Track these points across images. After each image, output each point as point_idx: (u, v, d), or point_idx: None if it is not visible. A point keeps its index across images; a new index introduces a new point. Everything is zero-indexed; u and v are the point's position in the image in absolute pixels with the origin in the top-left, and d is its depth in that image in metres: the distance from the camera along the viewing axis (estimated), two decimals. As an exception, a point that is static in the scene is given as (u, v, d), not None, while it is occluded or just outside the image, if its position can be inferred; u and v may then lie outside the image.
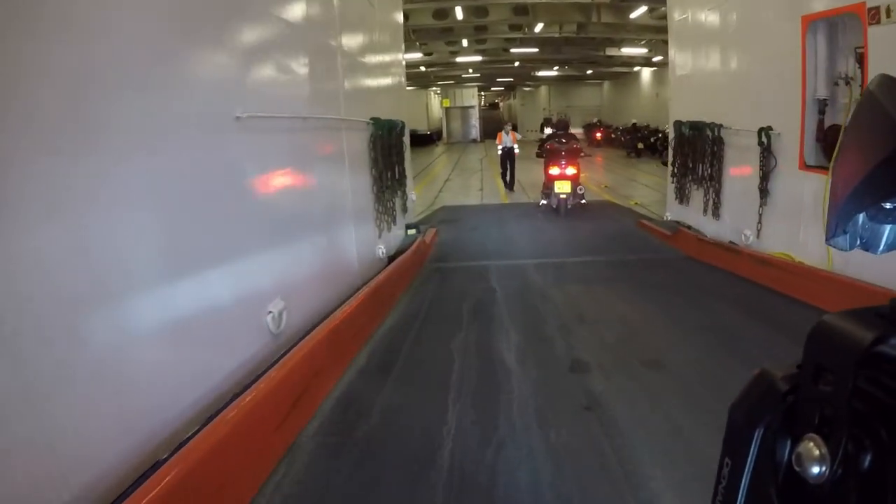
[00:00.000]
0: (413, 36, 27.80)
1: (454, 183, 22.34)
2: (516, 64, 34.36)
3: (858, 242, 0.69)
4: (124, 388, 3.09)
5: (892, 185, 0.59)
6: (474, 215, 15.07)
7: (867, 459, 0.57)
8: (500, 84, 47.15)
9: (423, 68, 34.98)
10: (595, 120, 41.03)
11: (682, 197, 11.73)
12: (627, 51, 29.25)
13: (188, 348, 3.74)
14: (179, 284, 3.63)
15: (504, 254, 10.81)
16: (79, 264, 2.85)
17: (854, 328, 0.59)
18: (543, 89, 47.94)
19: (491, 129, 58.95)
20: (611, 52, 29.38)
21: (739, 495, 0.68)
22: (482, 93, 55.01)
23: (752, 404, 0.68)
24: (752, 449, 0.66)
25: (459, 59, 31.47)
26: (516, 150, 18.91)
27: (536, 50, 29.00)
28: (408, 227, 11.33)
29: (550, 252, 10.86)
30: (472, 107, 46.03)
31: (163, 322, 3.46)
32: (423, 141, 44.21)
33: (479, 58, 31.08)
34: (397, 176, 10.17)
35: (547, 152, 14.73)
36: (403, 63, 12.90)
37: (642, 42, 27.74)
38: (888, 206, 0.64)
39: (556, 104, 46.78)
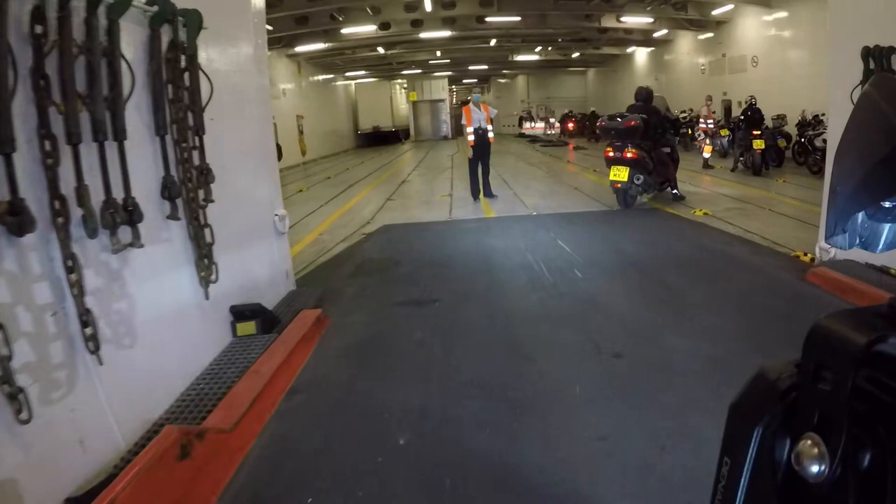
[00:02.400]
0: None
1: (412, 186, 15.40)
2: (492, 42, 27.48)
3: (858, 241, 0.66)
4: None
5: (890, 185, 0.57)
6: (439, 249, 8.11)
7: (866, 458, 0.54)
8: (472, 74, 40.36)
9: (381, 50, 28.04)
10: (568, 111, 34.76)
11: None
12: (629, 19, 22.52)
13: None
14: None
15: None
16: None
17: (853, 328, 0.57)
18: (521, 79, 41.19)
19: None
20: (607, 21, 22.67)
21: (739, 494, 0.65)
22: (453, 87, 48.09)
23: (751, 403, 0.64)
24: (751, 448, 0.63)
25: (424, 35, 24.57)
26: (491, 135, 11.94)
27: (517, 18, 22.18)
28: (236, 312, 4.61)
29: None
30: (441, 100, 39.15)
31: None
32: (387, 139, 37.40)
33: (447, 32, 24.19)
34: (189, 160, 3.69)
35: (599, 130, 11.40)
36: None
37: (648, 8, 21.03)
38: (887, 204, 0.61)
39: (535, 95, 40.15)
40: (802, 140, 14.72)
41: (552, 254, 7.08)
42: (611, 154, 9.97)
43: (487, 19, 22.32)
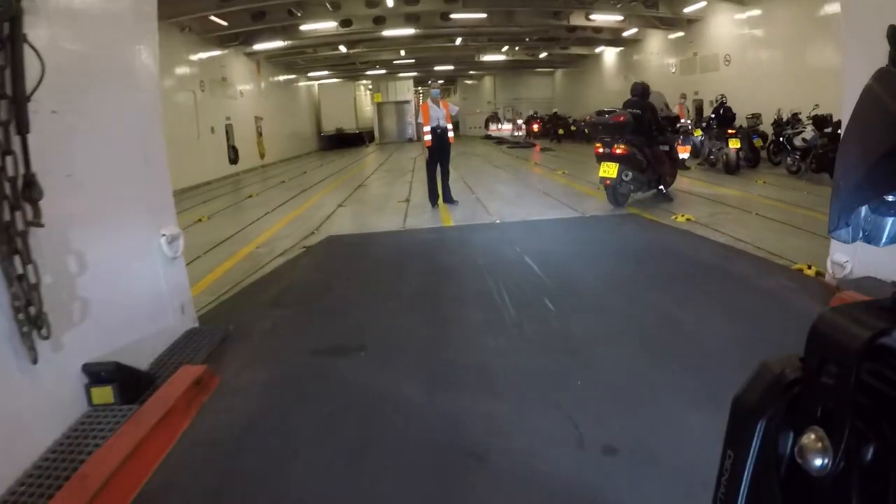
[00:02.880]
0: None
1: (369, 191, 14.00)
2: (458, 41, 26.17)
3: (861, 235, 0.66)
4: None
5: (894, 179, 0.57)
6: (383, 268, 6.78)
7: (870, 452, 0.54)
8: (438, 75, 39.00)
9: (343, 49, 26.56)
10: (533, 112, 33.74)
11: None
12: (598, 17, 21.39)
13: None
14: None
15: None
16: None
17: (857, 321, 0.56)
18: (488, 81, 39.88)
19: (430, 129, 51.56)
20: (576, 19, 21.51)
21: (742, 487, 0.64)
22: (419, 88, 46.77)
23: (755, 397, 0.63)
24: (754, 441, 0.62)
25: (387, 33, 23.22)
26: (451, 135, 10.61)
27: (483, 15, 20.92)
28: (91, 373, 3.23)
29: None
30: (407, 102, 37.56)
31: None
32: (352, 141, 35.79)
33: (411, 30, 22.83)
34: None
35: (587, 125, 11.33)
36: None
37: (618, 6, 19.91)
38: (891, 198, 0.61)
39: (502, 97, 38.92)
40: (781, 139, 13.76)
41: (517, 275, 5.73)
42: (600, 150, 9.36)
43: (452, 16, 21.03)
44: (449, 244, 7.52)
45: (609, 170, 9.14)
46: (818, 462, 0.56)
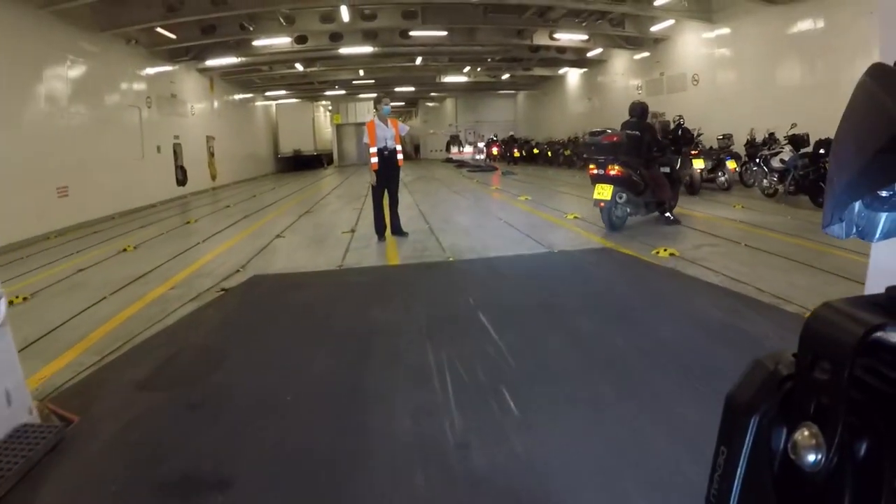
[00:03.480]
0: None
1: (314, 218, 12.36)
2: (418, 61, 24.83)
3: (855, 230, 0.65)
4: None
5: (887, 174, 0.56)
6: (296, 330, 5.14)
7: (863, 448, 0.54)
8: (399, 97, 37.64)
9: (300, 67, 25.07)
10: (493, 135, 32.95)
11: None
12: (562, 36, 20.29)
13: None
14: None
15: None
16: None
17: (851, 317, 0.56)
18: (449, 103, 38.63)
19: (392, 152, 49.77)
20: (540, 38, 20.37)
21: (735, 483, 0.62)
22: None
23: (748, 392, 0.62)
24: (747, 437, 0.61)
25: (345, 51, 21.85)
26: (400, 157, 9.16)
27: (444, 33, 19.63)
28: None
29: None
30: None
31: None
32: (310, 164, 34.18)
33: (368, 48, 21.50)
34: None
35: (579, 146, 11.14)
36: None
37: (583, 24, 18.80)
38: (884, 194, 0.60)
39: (464, 119, 37.72)
40: (758, 160, 12.77)
41: (469, 346, 4.16)
42: (594, 171, 8.87)
43: (412, 34, 19.75)
44: (388, 291, 5.97)
45: (603, 192, 8.63)
46: (811, 458, 0.55)
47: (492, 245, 8.10)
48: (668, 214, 9.22)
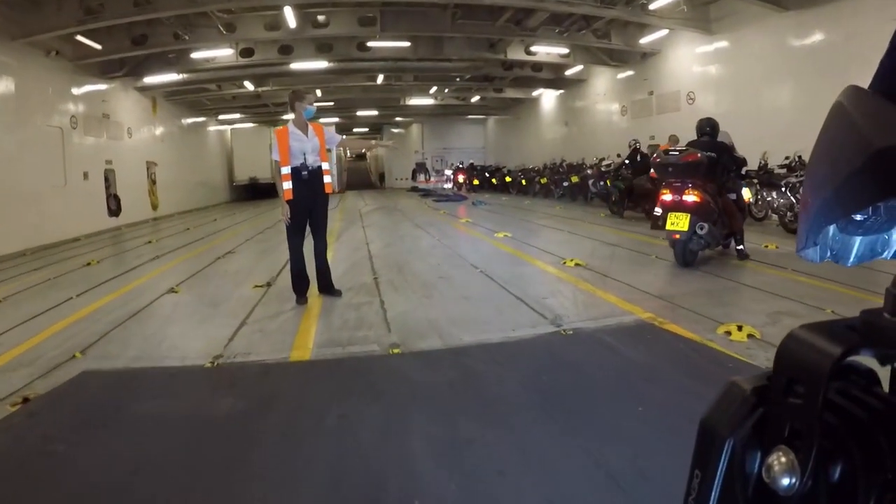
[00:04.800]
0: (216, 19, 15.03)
1: (230, 263, 8.92)
2: (379, 80, 21.95)
3: (829, 254, 0.64)
4: None
5: (861, 197, 0.54)
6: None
7: (837, 471, 0.53)
8: (362, 122, 34.68)
9: (250, 86, 22.09)
10: (459, 163, 30.45)
11: None
12: (540, 49, 17.63)
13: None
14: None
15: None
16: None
17: (825, 340, 0.55)
18: (416, 128, 35.62)
19: (358, 181, 46.35)
20: (514, 53, 17.67)
21: None
22: (344, 136, 42.48)
23: (722, 415, 0.60)
24: (721, 460, 0.59)
25: (297, 66, 19.01)
26: (329, 180, 6.02)
27: (406, 44, 16.85)
28: None
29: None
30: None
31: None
32: (269, 192, 30.85)
33: (323, 63, 18.67)
34: None
35: (653, 166, 8.39)
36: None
37: (564, 35, 16.14)
38: (859, 217, 0.59)
39: (431, 146, 34.85)
40: (783, 188, 10.19)
41: None
42: (667, 198, 7.23)
43: (370, 44, 16.92)
44: (270, 433, 2.91)
45: (679, 222, 6.95)
46: (785, 482, 0.54)
47: (464, 316, 5.04)
48: (740, 247, 7.52)
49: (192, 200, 24.14)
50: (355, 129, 39.35)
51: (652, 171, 10.33)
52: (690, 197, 6.94)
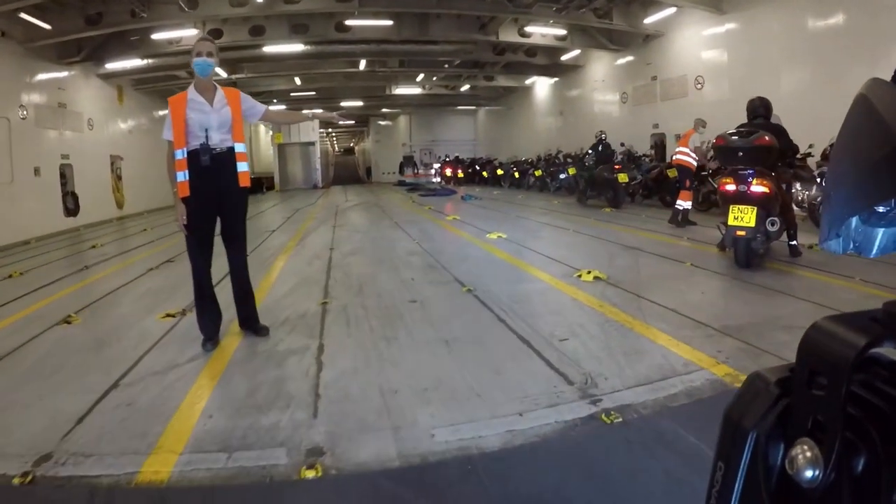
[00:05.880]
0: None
1: (154, 280, 6.99)
2: (362, 65, 19.98)
3: (851, 246, 0.62)
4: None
5: (884, 189, 0.54)
6: None
7: (860, 463, 0.52)
8: (347, 114, 32.58)
9: (223, 73, 19.90)
10: (445, 156, 28.85)
11: None
12: (535, 30, 15.74)
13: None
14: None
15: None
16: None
17: (847, 332, 0.53)
18: (403, 120, 33.48)
19: (345, 176, 44.22)
20: (506, 34, 15.74)
21: (733, 499, 0.60)
22: (332, 131, 40.43)
23: (745, 408, 0.59)
24: (745, 453, 0.58)
25: (270, 49, 17.13)
26: (242, 167, 3.96)
27: (388, 23, 14.92)
28: None
29: None
30: (312, 143, 30.78)
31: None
32: (249, 188, 28.88)
33: (299, 46, 16.77)
34: None
35: (715, 151, 6.69)
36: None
37: (562, 14, 14.22)
38: (881, 209, 0.58)
39: (419, 138, 32.83)
40: (821, 182, 8.63)
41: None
42: (730, 187, 5.87)
43: (349, 23, 14.96)
44: None
45: (745, 216, 5.74)
46: (809, 474, 0.53)
47: (440, 380, 3.12)
48: (794, 242, 6.48)
49: (165, 197, 22.11)
50: (341, 122, 37.37)
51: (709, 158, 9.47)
52: (759, 187, 5.68)
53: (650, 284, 5.10)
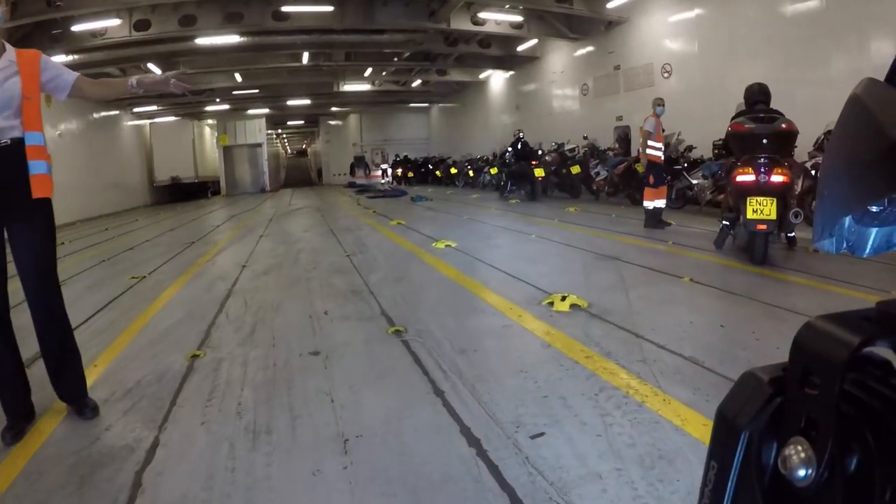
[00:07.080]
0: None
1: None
2: (305, 59, 18.27)
3: (845, 245, 0.62)
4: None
5: (878, 189, 0.53)
6: None
7: (853, 462, 0.51)
8: (295, 113, 30.63)
9: (156, 69, 17.98)
10: (396, 156, 27.93)
11: None
12: (489, 16, 14.35)
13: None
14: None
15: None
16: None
17: (841, 331, 0.52)
18: (353, 119, 31.61)
19: (297, 178, 42.08)
20: (458, 21, 14.28)
21: (725, 498, 0.58)
22: (280, 129, 38.34)
23: (738, 407, 0.58)
24: (738, 452, 0.57)
25: (203, 41, 15.42)
26: (41, 168, 2.42)
27: (329, 9, 13.36)
28: None
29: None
30: (259, 145, 28.75)
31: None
32: (195, 193, 27.03)
33: (234, 36, 15.10)
34: None
35: (731, 138, 5.80)
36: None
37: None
38: (874, 209, 0.58)
39: (370, 138, 31.10)
40: (816, 174, 7.41)
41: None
42: (747, 178, 5.19)
43: (286, 9, 13.37)
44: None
45: (764, 208, 5.03)
46: (801, 473, 0.51)
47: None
48: (792, 234, 5.99)
49: (102, 205, 20.01)
50: (290, 122, 35.27)
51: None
52: (779, 177, 5.19)
53: (647, 314, 3.69)
